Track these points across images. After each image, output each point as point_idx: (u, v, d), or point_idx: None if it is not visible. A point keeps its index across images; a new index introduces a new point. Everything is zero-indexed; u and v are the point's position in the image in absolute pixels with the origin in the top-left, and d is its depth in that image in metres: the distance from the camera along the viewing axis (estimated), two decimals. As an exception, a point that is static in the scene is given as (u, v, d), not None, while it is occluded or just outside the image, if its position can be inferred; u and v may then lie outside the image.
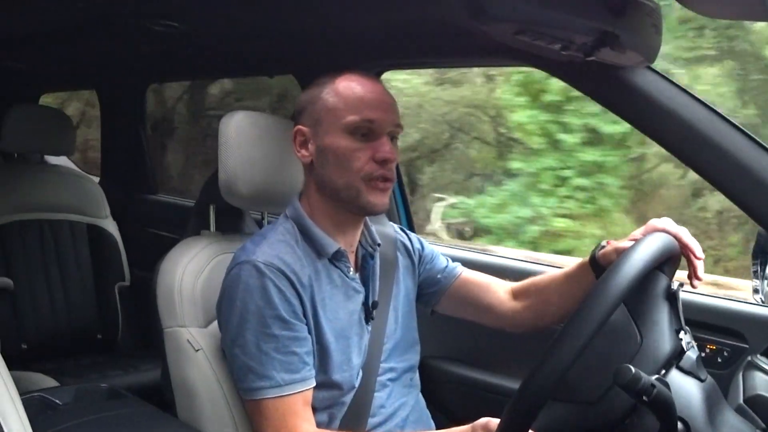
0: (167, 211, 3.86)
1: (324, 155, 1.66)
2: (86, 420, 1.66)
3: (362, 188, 1.63)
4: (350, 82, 1.68)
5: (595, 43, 1.50)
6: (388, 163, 1.64)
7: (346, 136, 1.63)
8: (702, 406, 1.34)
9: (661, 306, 1.45)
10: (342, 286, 1.72)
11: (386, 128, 1.65)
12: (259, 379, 1.57)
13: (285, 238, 1.68)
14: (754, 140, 1.71)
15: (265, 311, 1.57)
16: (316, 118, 1.68)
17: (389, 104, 1.68)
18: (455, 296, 1.96)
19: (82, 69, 3.70)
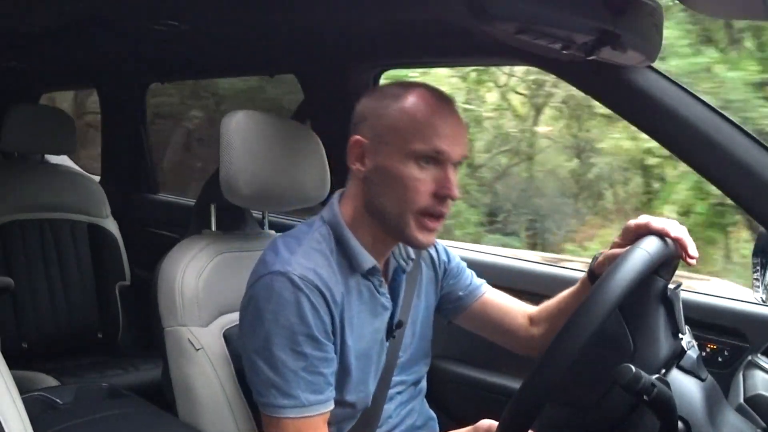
0: (168, 211, 3.86)
1: (380, 176, 1.56)
2: (87, 420, 1.66)
3: (412, 223, 1.55)
4: (422, 101, 1.55)
5: (596, 43, 1.49)
6: (448, 199, 1.55)
7: (410, 163, 1.52)
8: (702, 405, 1.33)
9: (657, 310, 1.42)
10: (370, 302, 1.66)
11: (454, 159, 1.54)
12: (282, 397, 1.51)
13: (320, 247, 1.60)
14: (756, 140, 1.71)
15: (298, 329, 1.50)
16: (378, 133, 1.57)
17: (461, 133, 1.57)
18: (475, 316, 1.91)
19: (82, 68, 3.70)
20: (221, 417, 1.70)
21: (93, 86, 4.26)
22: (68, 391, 1.85)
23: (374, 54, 2.60)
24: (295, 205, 1.98)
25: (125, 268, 3.36)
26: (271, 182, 1.82)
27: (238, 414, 1.71)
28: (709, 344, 2.03)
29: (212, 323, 1.81)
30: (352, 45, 2.49)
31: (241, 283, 1.85)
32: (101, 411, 1.74)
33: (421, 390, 1.87)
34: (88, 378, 2.83)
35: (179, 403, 1.75)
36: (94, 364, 3.06)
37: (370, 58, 2.65)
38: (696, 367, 1.38)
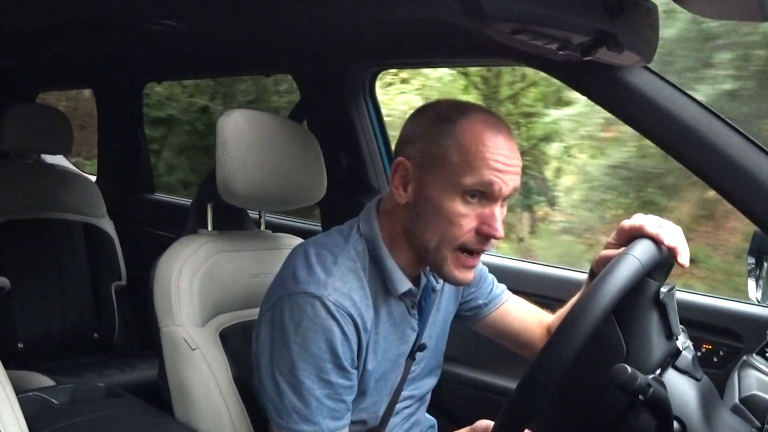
0: (164, 210, 3.87)
1: (423, 205, 1.48)
2: (83, 419, 1.66)
3: (450, 258, 1.48)
4: (476, 131, 1.45)
5: (592, 43, 1.49)
6: (490, 239, 1.47)
7: (456, 197, 1.44)
8: (698, 405, 1.34)
9: (650, 313, 1.40)
10: (400, 325, 1.62)
11: (504, 195, 1.46)
12: (304, 423, 1.47)
13: (355, 267, 1.53)
14: (751, 141, 1.72)
15: (327, 356, 1.45)
16: (427, 162, 1.47)
17: (514, 166, 1.46)
18: (494, 325, 1.88)
19: (79, 68, 3.70)
20: (217, 416, 1.70)
21: (89, 86, 4.26)
22: (64, 391, 1.85)
23: (371, 53, 2.60)
24: (291, 205, 1.98)
25: (121, 267, 3.36)
26: (267, 182, 1.82)
27: (234, 413, 1.70)
28: (704, 344, 2.04)
29: (208, 323, 1.81)
30: (349, 44, 2.50)
31: (237, 283, 1.86)
32: (97, 411, 1.73)
33: (426, 401, 1.84)
34: (85, 378, 2.82)
35: (175, 402, 1.75)
36: (90, 363, 3.06)
37: (366, 58, 2.65)
38: (691, 367, 1.38)
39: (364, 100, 2.79)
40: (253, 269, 1.90)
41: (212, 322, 1.82)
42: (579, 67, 1.74)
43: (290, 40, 2.49)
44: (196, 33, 2.48)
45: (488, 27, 1.46)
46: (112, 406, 1.81)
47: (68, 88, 5.79)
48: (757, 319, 1.98)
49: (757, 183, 1.67)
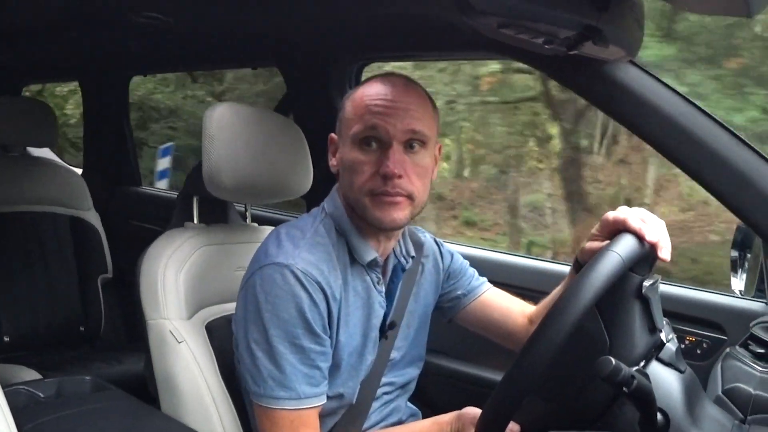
0: (150, 203, 3.85)
1: (342, 167, 1.60)
2: (69, 413, 1.66)
3: (367, 203, 1.55)
4: (367, 87, 1.58)
5: (578, 38, 1.50)
6: (390, 178, 1.52)
7: (354, 147, 1.55)
8: (681, 397, 1.35)
9: (632, 307, 1.41)
10: (367, 299, 1.66)
11: (395, 136, 1.52)
12: (280, 389, 1.52)
13: (323, 240, 1.61)
14: (735, 135, 1.73)
15: (297, 322, 1.51)
16: (340, 128, 1.62)
17: (403, 109, 1.53)
18: (474, 315, 1.91)
19: (64, 60, 3.68)
20: (203, 409, 1.70)
21: (75, 79, 4.24)
22: (51, 385, 1.84)
23: (357, 47, 2.60)
24: (277, 198, 1.98)
25: (107, 261, 3.35)
26: (253, 175, 1.82)
27: (220, 406, 1.71)
28: (688, 337, 2.05)
29: (194, 316, 1.81)
30: (335, 38, 2.50)
31: (223, 276, 1.86)
32: (84, 404, 1.73)
33: (409, 390, 1.86)
34: (71, 371, 2.81)
35: (162, 395, 1.75)
36: (76, 357, 3.05)
37: (353, 51, 2.65)
38: (675, 360, 1.40)
39: (351, 93, 2.79)
40: (239, 262, 1.90)
41: (198, 314, 1.83)
42: (565, 62, 1.75)
43: (276, 33, 2.48)
44: (182, 26, 2.47)
45: (475, 21, 1.46)
46: (98, 399, 1.80)
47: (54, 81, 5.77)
48: (741, 311, 2.00)
49: (742, 177, 1.68)
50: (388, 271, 1.73)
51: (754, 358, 1.64)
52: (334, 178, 1.69)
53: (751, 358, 1.64)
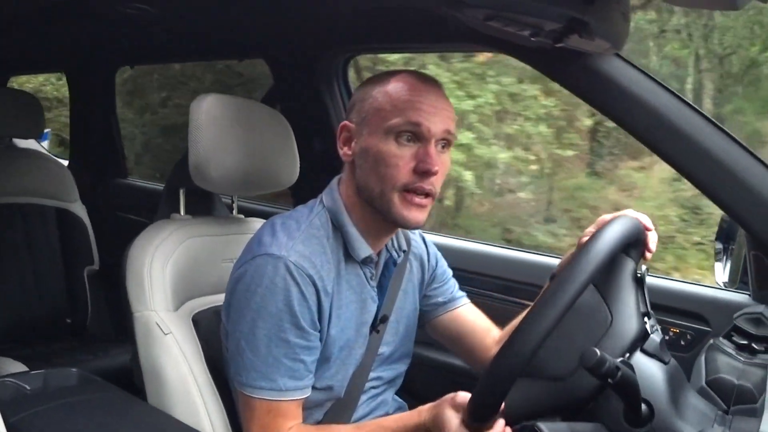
0: (137, 195, 3.85)
1: (365, 157, 1.57)
2: (56, 405, 1.65)
3: (396, 200, 1.54)
4: (403, 82, 1.57)
5: (564, 30, 1.50)
6: (428, 175, 1.53)
7: (389, 140, 1.53)
8: (665, 388, 1.36)
9: (629, 288, 1.48)
10: (360, 294, 1.67)
11: (435, 135, 1.53)
12: (262, 379, 1.53)
13: (318, 233, 1.61)
14: (720, 128, 1.74)
15: (285, 316, 1.51)
16: (363, 116, 1.58)
17: (441, 109, 1.55)
18: (445, 326, 1.92)
19: (51, 51, 3.66)
20: (190, 401, 1.70)
21: (62, 70, 4.22)
22: (37, 377, 1.84)
23: (344, 39, 2.60)
24: (264, 190, 1.98)
25: (94, 252, 3.33)
26: (240, 167, 1.82)
27: (206, 398, 1.71)
28: (672, 328, 2.07)
29: (181, 307, 1.81)
30: (322, 30, 2.49)
31: (209, 268, 1.86)
32: (70, 396, 1.73)
33: (396, 385, 1.88)
34: (57, 363, 2.81)
35: (148, 387, 1.74)
36: (63, 349, 3.05)
37: (339, 43, 2.65)
38: (659, 351, 1.41)
39: (337, 85, 2.79)
40: (226, 254, 1.90)
41: (185, 306, 1.83)
42: (551, 54, 1.75)
43: (263, 25, 2.48)
44: (168, 17, 2.47)
45: (461, 13, 1.47)
46: (84, 391, 1.80)
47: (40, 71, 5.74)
48: (724, 303, 2.01)
49: (725, 169, 1.69)
50: (380, 265, 1.73)
51: (738, 349, 1.65)
52: (322, 169, 1.69)
53: (735, 349, 1.65)
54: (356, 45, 2.68)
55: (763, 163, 1.71)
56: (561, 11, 1.45)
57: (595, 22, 1.49)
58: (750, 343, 1.66)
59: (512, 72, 5.44)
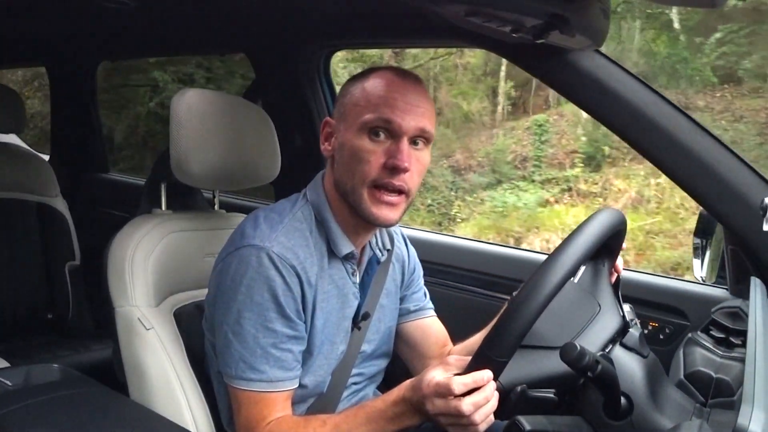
0: (118, 190, 3.83)
1: (341, 152, 1.58)
2: (37, 401, 1.65)
3: (365, 196, 1.55)
4: (381, 78, 1.57)
5: (545, 26, 1.51)
6: (398, 171, 1.53)
7: (362, 135, 1.53)
8: (644, 381, 1.37)
9: (609, 289, 1.53)
10: (341, 289, 1.68)
11: (407, 131, 1.53)
12: (250, 371, 1.54)
13: (301, 226, 1.61)
14: (697, 124, 1.75)
15: (270, 305, 1.52)
16: (342, 111, 1.60)
17: (415, 106, 1.54)
18: (409, 334, 1.93)
19: (31, 45, 3.64)
20: (172, 396, 1.70)
21: (42, 64, 4.20)
22: (18, 373, 1.83)
23: (325, 34, 2.60)
24: (246, 185, 1.98)
25: (75, 247, 3.31)
26: (221, 161, 1.82)
27: (189, 393, 1.71)
28: (651, 322, 2.09)
29: (163, 303, 1.81)
30: (303, 25, 2.49)
31: (191, 263, 1.86)
32: (52, 392, 1.72)
33: (377, 381, 1.88)
34: (39, 358, 2.80)
35: (130, 383, 1.74)
36: (44, 344, 3.03)
37: (320, 38, 2.65)
38: (638, 345, 1.43)
39: (319, 79, 2.79)
40: (207, 249, 1.90)
41: (167, 301, 1.83)
42: (531, 50, 1.76)
43: (244, 19, 2.48)
44: (148, 11, 2.46)
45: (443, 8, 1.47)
46: (66, 387, 1.79)
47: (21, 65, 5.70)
48: (702, 297, 2.03)
49: (703, 165, 1.71)
50: (363, 263, 1.74)
51: (715, 343, 1.67)
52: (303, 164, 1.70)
53: (713, 343, 1.67)
54: (338, 40, 2.69)
55: (741, 158, 1.73)
56: (541, 7, 1.45)
57: (576, 18, 1.50)
58: (728, 336, 1.68)
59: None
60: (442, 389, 1.33)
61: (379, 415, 1.47)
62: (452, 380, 1.32)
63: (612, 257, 1.60)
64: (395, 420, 1.45)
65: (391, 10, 2.08)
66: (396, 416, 1.45)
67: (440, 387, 1.34)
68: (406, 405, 1.44)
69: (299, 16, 2.38)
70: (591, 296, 1.49)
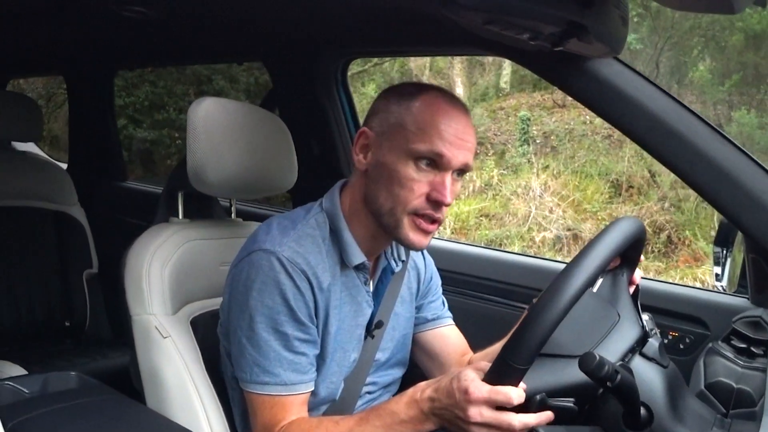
0: (136, 198, 3.84)
1: (380, 170, 1.56)
2: (54, 409, 1.65)
3: (404, 221, 1.55)
4: (432, 103, 1.54)
5: (563, 34, 1.50)
6: (441, 205, 1.54)
7: (409, 162, 1.52)
8: (664, 392, 1.36)
9: (628, 298, 1.51)
10: (355, 296, 1.68)
11: (454, 166, 1.53)
12: (264, 374, 1.55)
13: (314, 233, 1.62)
14: (717, 131, 1.74)
15: (281, 309, 1.53)
16: (385, 129, 1.57)
17: (466, 140, 1.54)
18: (428, 342, 1.93)
19: (49, 54, 3.66)
20: (189, 404, 1.70)
21: (61, 73, 4.22)
22: (36, 380, 1.84)
23: (342, 42, 2.60)
24: (262, 193, 1.98)
25: (92, 255, 3.33)
26: (238, 170, 1.82)
27: (205, 401, 1.71)
28: (671, 332, 2.07)
29: (179, 311, 1.81)
30: (321, 33, 2.49)
31: (208, 271, 1.86)
32: (69, 400, 1.73)
33: (392, 390, 1.87)
34: (56, 366, 2.81)
35: (147, 391, 1.75)
36: (61, 352, 3.04)
37: (338, 46, 2.65)
38: (658, 355, 1.41)
39: (336, 88, 2.79)
40: (224, 257, 1.90)
41: (183, 310, 1.83)
42: (549, 58, 1.75)
43: (262, 28, 2.48)
44: (166, 20, 2.46)
45: (460, 17, 1.46)
46: (83, 395, 1.80)
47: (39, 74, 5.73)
48: (723, 307, 2.01)
49: (724, 173, 1.69)
50: (377, 272, 1.75)
51: (736, 353, 1.66)
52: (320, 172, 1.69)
53: (733, 353, 1.66)
54: (354, 48, 2.69)
55: (762, 167, 1.71)
56: (560, 15, 1.44)
57: (594, 25, 1.49)
58: (749, 346, 1.67)
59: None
60: (500, 399, 1.29)
61: (392, 417, 1.45)
62: (512, 390, 1.28)
63: (631, 267, 1.58)
64: (407, 423, 1.44)
65: (408, 18, 2.08)
66: (410, 419, 1.43)
67: (497, 394, 1.29)
68: (421, 407, 1.42)
69: (316, 24, 2.38)
70: (610, 306, 1.48)
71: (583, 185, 9.01)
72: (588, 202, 8.51)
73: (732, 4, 1.37)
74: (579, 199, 8.62)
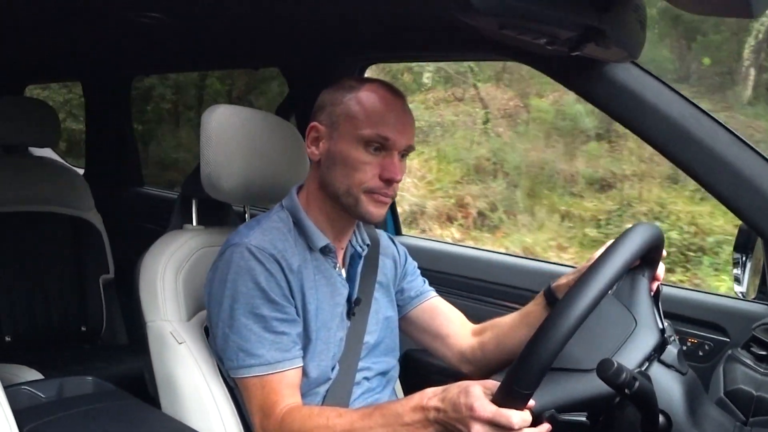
0: (153, 204, 3.86)
1: (333, 158, 1.69)
2: (70, 413, 1.66)
3: (362, 198, 1.67)
4: (375, 93, 1.68)
5: (580, 39, 1.50)
6: (392, 182, 1.67)
7: (359, 147, 1.65)
8: (683, 399, 1.35)
9: (648, 302, 1.48)
10: (329, 278, 1.75)
11: (399, 147, 1.67)
12: (249, 357, 1.60)
13: (278, 226, 1.71)
14: (737, 136, 1.72)
15: (255, 293, 1.60)
16: (333, 120, 1.69)
17: (407, 124, 1.69)
18: (419, 318, 1.97)
19: (67, 60, 3.67)
20: (204, 410, 1.70)
21: (78, 79, 4.24)
22: (52, 385, 1.85)
23: (359, 48, 2.60)
24: (276, 201, 1.98)
25: (109, 261, 3.34)
26: (251, 177, 1.82)
27: (221, 406, 1.70)
28: (690, 339, 2.05)
29: (194, 317, 1.82)
30: (337, 39, 2.49)
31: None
32: (85, 405, 1.73)
33: (391, 380, 1.90)
34: (72, 371, 2.80)
35: (162, 396, 1.75)
36: (77, 356, 3.05)
37: (354, 52, 2.65)
38: (677, 362, 1.40)
39: (353, 94, 2.79)
40: (239, 264, 1.90)
41: (198, 316, 1.83)
42: (567, 63, 1.74)
43: (279, 34, 2.48)
44: (183, 26, 2.47)
45: (477, 21, 1.46)
46: (99, 399, 1.80)
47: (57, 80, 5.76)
48: (743, 313, 2.00)
49: (743, 178, 1.68)
50: (346, 258, 1.84)
51: (756, 360, 1.64)
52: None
53: (753, 360, 1.64)
54: (371, 54, 2.68)
55: (782, 172, 1.70)
56: (577, 19, 1.44)
57: (612, 30, 1.48)
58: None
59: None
60: (503, 420, 1.28)
61: (395, 418, 1.45)
62: (514, 415, 1.28)
63: (652, 267, 1.55)
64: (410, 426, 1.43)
65: (424, 23, 2.08)
66: (413, 422, 1.43)
67: (500, 417, 1.28)
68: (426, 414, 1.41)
69: (333, 30, 2.38)
70: (626, 311, 1.46)
71: (444, 169, 9.18)
72: (439, 182, 8.77)
73: (751, 8, 1.35)
74: (433, 179, 8.88)
